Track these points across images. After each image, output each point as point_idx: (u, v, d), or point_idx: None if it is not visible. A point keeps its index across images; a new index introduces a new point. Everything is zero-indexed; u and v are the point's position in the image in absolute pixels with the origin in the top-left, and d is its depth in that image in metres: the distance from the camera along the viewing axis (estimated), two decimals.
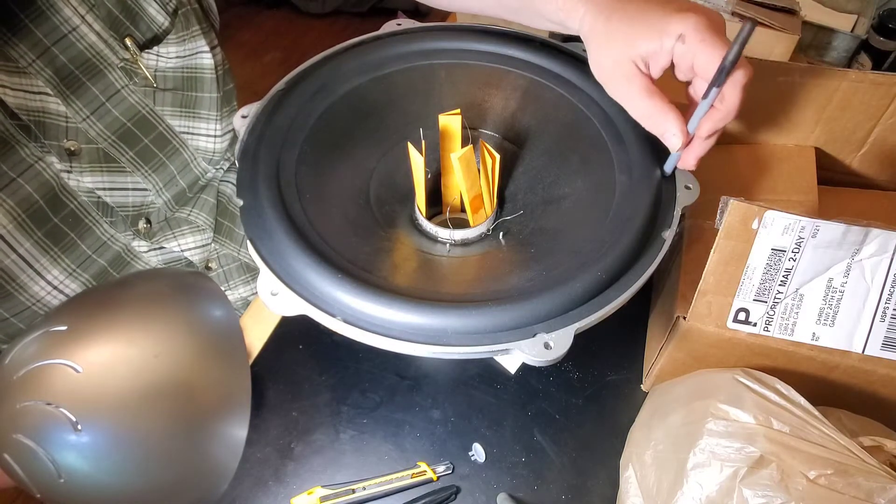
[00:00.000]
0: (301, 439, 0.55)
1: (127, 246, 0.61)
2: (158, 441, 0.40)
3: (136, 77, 0.57)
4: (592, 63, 0.47)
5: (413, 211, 0.55)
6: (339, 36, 0.58)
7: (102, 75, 0.54)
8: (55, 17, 0.51)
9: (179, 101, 0.61)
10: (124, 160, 0.58)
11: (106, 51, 0.54)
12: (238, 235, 0.72)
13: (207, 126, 0.64)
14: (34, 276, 0.53)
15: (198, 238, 0.68)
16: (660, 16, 0.41)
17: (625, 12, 0.43)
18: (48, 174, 0.52)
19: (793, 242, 0.44)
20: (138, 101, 0.58)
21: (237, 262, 0.72)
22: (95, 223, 0.57)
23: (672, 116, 0.43)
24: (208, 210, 0.69)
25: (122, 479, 0.39)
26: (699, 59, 0.41)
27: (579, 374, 0.59)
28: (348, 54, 0.57)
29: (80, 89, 0.53)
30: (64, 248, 0.55)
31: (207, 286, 0.47)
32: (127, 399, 0.39)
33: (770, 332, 0.46)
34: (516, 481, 0.53)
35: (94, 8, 0.52)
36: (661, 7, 0.42)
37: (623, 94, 0.45)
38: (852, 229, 0.43)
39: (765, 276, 0.45)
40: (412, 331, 0.41)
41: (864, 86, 0.58)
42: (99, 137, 0.55)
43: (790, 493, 0.38)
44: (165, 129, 0.61)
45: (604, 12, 0.44)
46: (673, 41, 0.41)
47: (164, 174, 0.62)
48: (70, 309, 0.43)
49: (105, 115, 0.55)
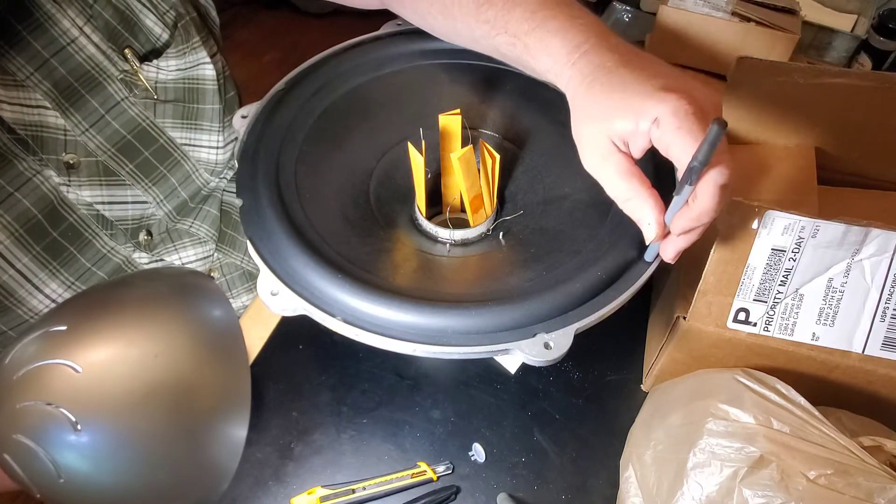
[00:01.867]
0: (301, 439, 0.55)
1: (128, 258, 0.60)
2: (158, 441, 0.40)
3: (136, 89, 0.56)
4: (573, 131, 0.42)
5: (413, 211, 0.55)
6: (339, 36, 0.57)
7: (102, 87, 0.54)
8: (53, 30, 0.50)
9: (180, 112, 0.61)
10: (124, 173, 0.57)
11: (105, 62, 0.53)
12: (242, 244, 0.72)
13: (209, 138, 0.63)
14: (32, 290, 0.52)
15: (199, 250, 0.67)
16: (640, 93, 0.37)
17: (607, 82, 0.39)
18: (46, 188, 0.52)
19: (793, 242, 0.44)
20: (138, 113, 0.57)
21: (240, 270, 0.72)
22: (95, 236, 0.56)
23: (650, 204, 0.39)
24: (210, 222, 0.68)
25: (121, 479, 0.39)
26: (672, 149, 0.36)
27: (579, 374, 0.59)
28: (348, 54, 0.57)
29: (80, 102, 0.53)
30: (63, 262, 0.54)
31: (208, 286, 0.47)
32: (127, 399, 0.39)
33: (770, 332, 0.46)
34: (516, 481, 0.53)
35: (91, 19, 0.52)
36: (644, 82, 0.38)
37: (598, 172, 0.41)
38: (852, 229, 0.43)
39: (765, 276, 0.45)
40: (412, 331, 0.41)
41: (864, 86, 0.58)
42: (98, 150, 0.55)
43: (790, 493, 0.38)
44: (167, 142, 0.60)
45: (587, 79, 0.40)
46: (649, 124, 0.37)
47: (164, 186, 0.61)
48: (70, 309, 0.43)
49: (105, 127, 0.55)
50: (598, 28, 0.42)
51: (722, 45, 0.74)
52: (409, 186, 0.55)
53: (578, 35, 0.41)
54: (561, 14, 0.43)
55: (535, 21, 0.43)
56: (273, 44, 2.17)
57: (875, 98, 0.59)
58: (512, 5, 0.45)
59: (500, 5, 0.45)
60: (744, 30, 0.73)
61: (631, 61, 0.39)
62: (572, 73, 0.41)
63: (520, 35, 0.44)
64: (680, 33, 0.75)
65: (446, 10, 0.49)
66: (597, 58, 0.40)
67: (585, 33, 0.41)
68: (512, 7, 0.45)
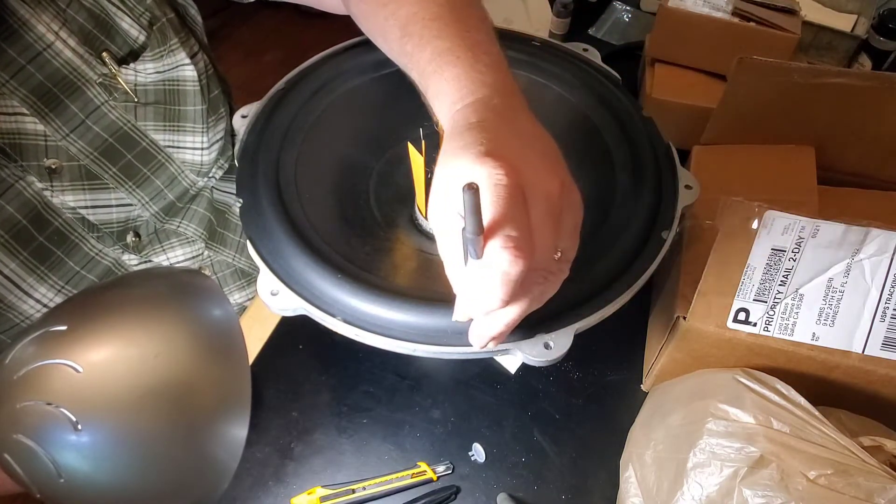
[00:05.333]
0: (301, 439, 0.55)
1: (117, 260, 0.60)
2: (158, 441, 0.40)
3: (116, 92, 0.56)
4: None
5: (413, 211, 0.55)
6: (339, 36, 0.57)
7: (81, 92, 0.53)
8: (28, 35, 0.49)
9: (162, 115, 0.60)
10: (107, 177, 0.57)
11: (83, 67, 0.53)
12: (233, 241, 0.71)
13: (194, 139, 0.63)
14: (22, 295, 0.52)
15: (187, 250, 0.67)
16: (467, 156, 0.33)
17: (459, 139, 0.35)
18: (29, 193, 0.51)
19: (793, 242, 0.44)
20: (119, 116, 0.56)
21: (232, 268, 0.72)
22: (82, 239, 0.56)
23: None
24: (198, 221, 0.67)
25: (122, 478, 0.39)
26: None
27: (579, 374, 0.59)
28: (348, 54, 0.57)
29: (59, 107, 0.52)
30: (51, 267, 0.54)
31: (208, 285, 0.47)
32: (127, 399, 0.38)
33: (770, 332, 0.46)
34: (516, 481, 0.53)
35: (67, 24, 0.51)
36: (477, 145, 0.34)
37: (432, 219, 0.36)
38: (852, 229, 0.43)
39: (765, 276, 0.45)
40: (412, 331, 0.41)
41: (863, 86, 0.58)
42: (80, 154, 0.54)
43: (790, 493, 0.38)
44: (149, 144, 0.59)
45: (453, 132, 0.37)
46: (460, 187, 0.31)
47: (149, 189, 0.61)
48: (70, 309, 0.43)
49: (86, 132, 0.54)
50: (492, 79, 0.41)
51: (722, 45, 0.74)
52: (409, 186, 0.55)
53: (468, 86, 0.40)
54: (463, 61, 0.41)
55: (438, 64, 0.42)
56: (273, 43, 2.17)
57: (875, 98, 0.59)
58: (425, 43, 0.43)
59: (416, 40, 0.44)
60: (744, 30, 0.73)
61: (491, 122, 0.37)
62: (450, 124, 0.39)
63: (424, 76, 0.43)
64: (680, 33, 0.75)
65: (384, 34, 0.48)
66: (472, 114, 0.38)
67: (476, 85, 0.40)
68: (425, 45, 0.43)
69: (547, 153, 0.37)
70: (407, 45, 0.45)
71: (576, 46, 0.59)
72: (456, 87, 0.40)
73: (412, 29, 0.44)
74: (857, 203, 0.63)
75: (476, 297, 0.34)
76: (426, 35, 0.43)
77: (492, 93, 0.40)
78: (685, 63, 0.78)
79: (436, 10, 0.44)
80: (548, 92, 0.55)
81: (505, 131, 0.37)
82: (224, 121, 0.65)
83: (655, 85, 0.76)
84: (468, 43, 0.42)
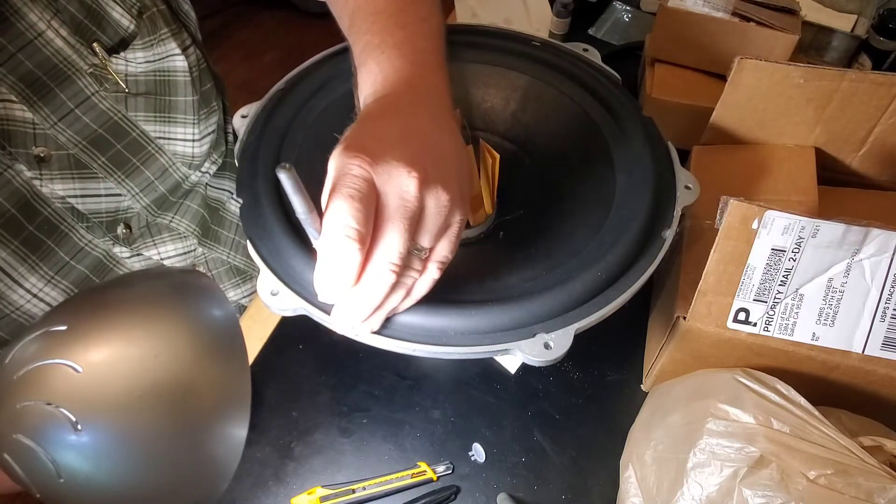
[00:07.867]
0: (301, 439, 0.55)
1: (108, 252, 0.60)
2: (158, 441, 0.40)
3: (106, 83, 0.56)
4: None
5: None
6: (339, 36, 0.57)
7: (71, 81, 0.53)
8: (20, 24, 0.49)
9: (153, 105, 0.60)
10: (96, 166, 0.57)
11: (74, 56, 0.53)
12: (228, 239, 0.71)
13: (185, 130, 0.63)
14: (12, 284, 0.52)
15: (178, 246, 0.67)
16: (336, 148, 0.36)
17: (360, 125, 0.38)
18: (18, 182, 0.51)
19: (793, 242, 0.44)
20: (110, 107, 0.57)
21: (226, 265, 0.71)
22: (71, 229, 0.56)
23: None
24: (191, 217, 0.67)
25: (122, 478, 0.39)
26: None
27: (579, 374, 0.59)
28: (348, 54, 0.57)
29: (48, 96, 0.52)
30: (41, 256, 0.54)
31: (208, 285, 0.47)
32: (127, 399, 0.39)
33: (770, 332, 0.46)
34: (516, 481, 0.53)
35: (58, 13, 0.51)
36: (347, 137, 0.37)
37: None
38: (852, 229, 0.43)
39: (765, 276, 0.45)
40: (412, 331, 0.41)
41: (864, 86, 0.58)
42: (69, 143, 0.54)
43: (790, 493, 0.38)
44: (139, 135, 0.59)
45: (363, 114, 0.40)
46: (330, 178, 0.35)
47: (139, 179, 0.61)
48: (70, 308, 0.43)
49: (75, 121, 0.54)
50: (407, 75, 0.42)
51: (722, 45, 0.74)
52: None
53: (381, 82, 0.42)
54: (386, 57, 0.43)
55: (363, 59, 0.44)
56: (273, 44, 2.17)
57: (875, 98, 0.59)
58: (360, 36, 0.46)
59: (354, 33, 0.47)
60: (744, 30, 0.73)
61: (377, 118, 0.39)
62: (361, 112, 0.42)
63: (357, 65, 0.45)
64: (680, 33, 0.75)
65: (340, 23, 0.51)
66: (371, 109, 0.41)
67: (389, 81, 0.42)
68: (359, 38, 0.46)
69: (426, 153, 0.37)
70: (351, 37, 0.47)
71: (576, 46, 0.59)
72: (371, 82, 0.43)
73: (355, 21, 0.47)
74: (857, 203, 0.63)
75: (321, 274, 0.35)
76: (362, 29, 0.46)
77: (403, 89, 0.42)
78: (685, 63, 0.78)
79: (380, 4, 0.47)
80: (548, 92, 0.55)
81: (383, 128, 0.38)
82: (216, 115, 0.65)
83: (655, 85, 0.76)
84: (397, 39, 0.44)
